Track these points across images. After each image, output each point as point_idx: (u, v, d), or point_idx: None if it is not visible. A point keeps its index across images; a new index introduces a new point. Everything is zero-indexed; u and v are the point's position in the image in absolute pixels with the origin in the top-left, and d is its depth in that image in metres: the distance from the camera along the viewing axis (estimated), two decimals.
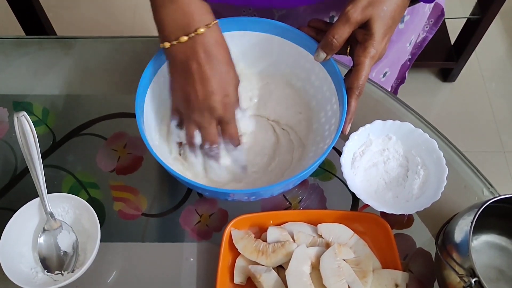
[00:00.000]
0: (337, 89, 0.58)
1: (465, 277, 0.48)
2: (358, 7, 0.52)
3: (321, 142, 0.61)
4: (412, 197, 0.59)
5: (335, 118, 0.58)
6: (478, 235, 0.58)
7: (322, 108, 0.62)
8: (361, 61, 0.53)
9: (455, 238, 0.51)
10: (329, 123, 0.60)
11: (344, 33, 0.53)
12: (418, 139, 0.61)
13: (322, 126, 0.62)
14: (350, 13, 0.52)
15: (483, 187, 0.64)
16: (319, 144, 0.61)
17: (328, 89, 0.60)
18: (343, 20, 0.52)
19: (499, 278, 0.56)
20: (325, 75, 0.60)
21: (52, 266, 0.56)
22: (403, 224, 0.62)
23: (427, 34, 0.91)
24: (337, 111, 0.58)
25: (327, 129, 0.60)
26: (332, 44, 0.54)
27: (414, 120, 0.68)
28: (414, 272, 0.58)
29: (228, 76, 0.54)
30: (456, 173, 0.65)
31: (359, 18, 0.52)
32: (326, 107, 0.61)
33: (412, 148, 0.61)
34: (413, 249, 0.60)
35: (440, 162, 0.59)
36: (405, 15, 0.75)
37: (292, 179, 0.53)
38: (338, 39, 0.53)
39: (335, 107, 0.58)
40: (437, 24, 0.88)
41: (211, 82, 0.52)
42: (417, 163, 0.60)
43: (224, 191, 0.53)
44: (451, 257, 0.51)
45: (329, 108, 0.60)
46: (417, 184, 0.59)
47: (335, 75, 0.58)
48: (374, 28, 0.53)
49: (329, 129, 0.59)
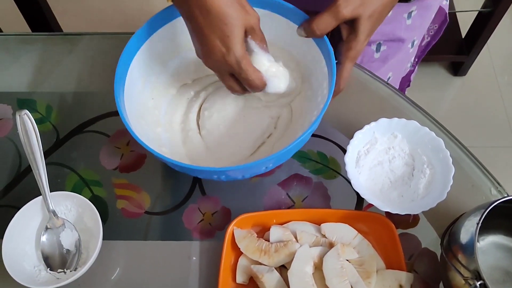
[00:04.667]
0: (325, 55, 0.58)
1: (470, 279, 0.47)
2: (351, 4, 0.51)
3: (315, 109, 0.60)
4: (417, 196, 0.58)
5: (325, 82, 0.58)
6: (485, 236, 0.57)
7: (312, 73, 0.63)
8: (343, 62, 0.55)
9: (461, 239, 0.50)
10: (321, 89, 0.60)
11: (328, 27, 0.53)
12: (424, 137, 0.60)
13: (315, 93, 0.62)
14: (340, 8, 0.51)
15: (491, 186, 0.62)
16: (313, 111, 0.60)
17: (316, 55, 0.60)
18: (332, 13, 0.52)
19: (505, 280, 0.54)
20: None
21: (54, 264, 0.56)
22: (409, 223, 0.61)
23: (431, 40, 0.90)
24: (326, 74, 0.58)
25: (319, 95, 0.60)
26: (314, 34, 0.54)
27: (421, 117, 0.67)
28: (419, 273, 0.57)
29: (227, 29, 0.49)
30: (463, 172, 0.63)
31: (348, 16, 0.51)
32: (316, 70, 0.61)
33: (418, 146, 0.60)
34: (419, 249, 0.59)
35: (447, 161, 0.58)
36: (412, 10, 0.73)
37: (287, 149, 0.52)
38: (322, 31, 0.53)
39: (325, 70, 0.58)
40: (441, 30, 0.87)
41: (209, 40, 0.50)
42: (423, 162, 0.59)
43: (220, 169, 0.53)
44: (457, 258, 0.50)
45: (319, 71, 0.60)
46: (423, 183, 0.58)
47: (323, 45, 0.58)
48: (360, 28, 0.52)
49: (322, 94, 0.60)
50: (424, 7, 0.75)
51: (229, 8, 0.49)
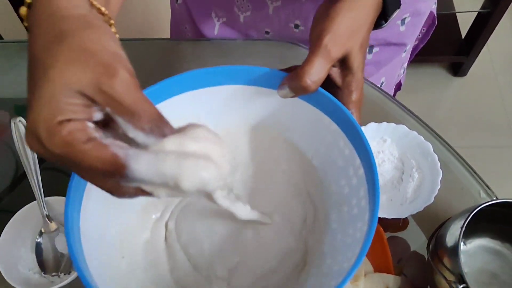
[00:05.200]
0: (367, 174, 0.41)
1: (453, 283, 0.47)
2: (339, 41, 0.42)
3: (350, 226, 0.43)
4: (406, 200, 0.59)
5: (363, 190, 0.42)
6: (472, 239, 0.58)
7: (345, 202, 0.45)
8: (350, 108, 0.44)
9: (446, 243, 0.51)
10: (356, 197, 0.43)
11: (322, 74, 0.41)
12: (413, 141, 0.60)
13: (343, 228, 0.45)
14: (329, 48, 0.41)
15: (480, 189, 0.63)
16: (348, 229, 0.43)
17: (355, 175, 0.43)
18: (322, 56, 0.41)
19: (492, 283, 0.55)
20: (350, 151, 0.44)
21: (49, 267, 0.57)
22: (398, 227, 0.61)
23: (419, 43, 0.90)
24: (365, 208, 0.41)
25: (355, 205, 0.43)
26: (308, 89, 0.41)
27: (412, 122, 0.68)
28: (408, 276, 0.58)
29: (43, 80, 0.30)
30: (453, 175, 0.64)
31: (340, 54, 0.42)
32: (351, 201, 0.44)
33: (407, 150, 0.61)
34: (408, 253, 0.60)
35: (434, 165, 0.58)
36: (405, 17, 0.74)
37: None
38: (316, 81, 0.41)
39: (363, 203, 0.41)
40: (429, 33, 0.87)
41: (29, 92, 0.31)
42: (412, 166, 0.60)
43: None
44: (442, 262, 0.50)
45: (354, 203, 0.43)
46: (412, 187, 0.59)
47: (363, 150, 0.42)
48: (354, 64, 0.43)
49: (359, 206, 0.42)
50: (417, 13, 0.75)
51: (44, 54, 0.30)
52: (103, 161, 0.29)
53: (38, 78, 0.29)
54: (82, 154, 0.29)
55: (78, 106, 0.29)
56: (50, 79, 0.29)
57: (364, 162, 0.41)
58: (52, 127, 0.29)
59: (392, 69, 0.84)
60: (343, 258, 0.41)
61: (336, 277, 0.39)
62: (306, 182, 0.51)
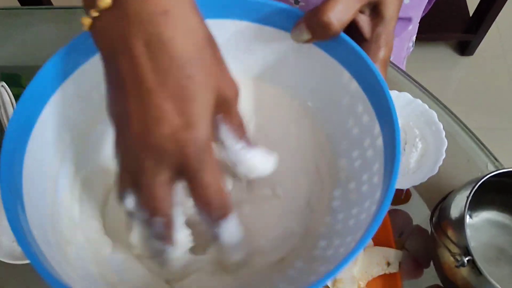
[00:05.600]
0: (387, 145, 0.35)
1: (457, 255, 0.44)
2: None
3: (355, 206, 0.38)
4: (408, 171, 0.56)
5: (378, 164, 0.36)
6: (478, 212, 0.55)
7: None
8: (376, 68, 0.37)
9: (451, 215, 0.48)
10: (368, 172, 0.37)
11: (350, 13, 0.34)
12: (416, 110, 0.57)
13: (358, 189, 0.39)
14: None
15: (487, 161, 0.60)
16: (352, 209, 0.38)
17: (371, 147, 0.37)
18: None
19: (499, 258, 0.52)
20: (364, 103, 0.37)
21: None
22: (400, 200, 0.58)
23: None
24: (377, 186, 0.35)
25: (365, 181, 0.37)
26: (330, 28, 0.34)
27: (414, 90, 0.64)
28: (409, 250, 0.55)
29: (190, 85, 0.28)
30: (459, 146, 0.61)
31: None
32: (362, 176, 0.38)
33: (410, 119, 0.58)
34: (410, 226, 0.57)
35: (439, 134, 0.55)
36: None
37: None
38: (342, 21, 0.34)
39: (376, 179, 0.36)
40: (431, 3, 0.82)
41: (156, 98, 0.27)
42: (415, 136, 0.57)
43: None
44: (446, 235, 0.47)
45: (365, 179, 0.38)
46: (415, 157, 0.56)
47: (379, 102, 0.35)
48: (387, 13, 0.36)
49: (370, 182, 0.37)
50: None
51: (197, 54, 0.28)
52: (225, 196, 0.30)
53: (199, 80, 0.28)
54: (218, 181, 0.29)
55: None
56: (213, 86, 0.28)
57: (385, 131, 0.35)
58: (210, 141, 0.29)
59: (400, 42, 0.80)
60: (341, 242, 0.36)
61: (328, 263, 0.34)
62: (315, 153, 0.44)
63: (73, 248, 0.37)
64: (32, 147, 0.34)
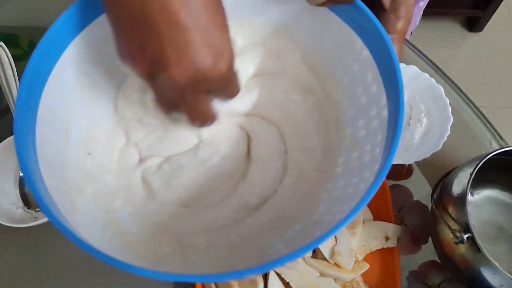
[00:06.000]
0: (391, 118, 0.34)
1: (457, 232, 0.44)
2: None
3: (355, 175, 0.37)
4: (412, 146, 0.55)
5: (381, 135, 0.35)
6: (480, 190, 0.54)
7: (361, 117, 0.39)
8: (392, 39, 0.36)
9: (453, 191, 0.47)
10: (371, 143, 0.37)
11: None
12: (423, 84, 0.56)
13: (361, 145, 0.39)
14: None
15: (492, 139, 0.59)
16: (353, 178, 0.38)
17: (376, 117, 0.37)
18: None
19: (498, 236, 0.52)
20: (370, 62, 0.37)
21: (32, 203, 0.55)
22: (402, 175, 0.58)
23: None
24: (378, 157, 0.35)
25: (368, 152, 0.37)
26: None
27: (422, 64, 0.63)
28: (408, 226, 0.55)
29: (217, 30, 0.30)
30: (464, 123, 0.60)
31: None
32: (365, 146, 0.38)
33: (416, 93, 0.57)
34: (410, 202, 0.57)
35: (446, 109, 0.54)
36: None
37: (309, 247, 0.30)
38: None
39: (378, 150, 0.35)
40: None
41: (189, 31, 0.29)
42: (421, 111, 0.56)
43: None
44: (447, 211, 0.47)
45: (368, 149, 0.37)
46: (419, 132, 0.55)
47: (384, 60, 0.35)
48: None
49: (372, 153, 0.36)
50: None
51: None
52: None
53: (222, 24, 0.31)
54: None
55: None
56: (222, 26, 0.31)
57: (391, 103, 0.34)
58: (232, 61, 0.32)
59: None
60: (338, 209, 0.36)
61: (323, 228, 0.34)
62: (321, 119, 0.43)
63: (82, 198, 0.37)
64: (46, 98, 0.35)
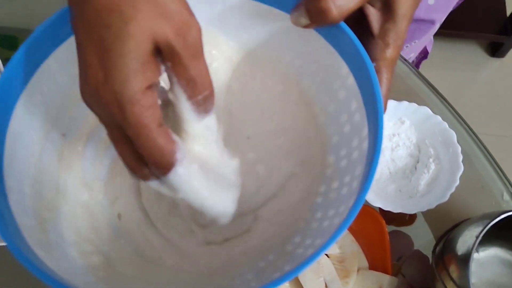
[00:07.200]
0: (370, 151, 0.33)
1: None
2: None
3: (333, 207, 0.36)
4: (417, 193, 0.51)
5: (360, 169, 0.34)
6: (486, 247, 0.51)
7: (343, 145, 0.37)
8: (378, 69, 0.34)
9: (456, 250, 0.44)
10: (351, 175, 0.35)
11: (353, 2, 0.32)
12: (435, 127, 0.53)
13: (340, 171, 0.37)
14: None
15: (503, 190, 0.55)
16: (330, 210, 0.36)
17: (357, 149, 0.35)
18: None
19: None
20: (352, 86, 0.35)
21: None
22: (404, 221, 0.55)
23: None
24: (355, 191, 0.33)
25: (347, 184, 0.35)
26: (328, 15, 0.32)
27: (436, 102, 0.59)
28: (406, 276, 0.51)
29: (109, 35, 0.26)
30: (474, 169, 0.56)
31: None
32: (344, 178, 0.36)
33: (426, 136, 0.53)
34: (410, 251, 0.53)
35: (456, 158, 0.50)
36: None
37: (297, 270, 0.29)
38: (343, 10, 0.31)
39: (355, 183, 0.34)
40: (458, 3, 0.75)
41: (83, 53, 0.27)
42: (429, 155, 0.52)
43: None
44: (447, 270, 0.44)
45: (347, 181, 0.35)
46: (425, 179, 0.52)
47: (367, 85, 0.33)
48: (399, 9, 0.33)
49: (350, 186, 0.35)
50: None
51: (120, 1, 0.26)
52: (162, 154, 0.27)
53: (116, 29, 0.26)
54: (150, 137, 0.27)
55: (155, 67, 0.27)
56: (131, 34, 0.25)
57: (371, 135, 0.33)
58: (137, 94, 0.26)
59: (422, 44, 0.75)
60: (311, 243, 0.34)
61: (294, 261, 0.33)
62: (305, 147, 0.41)
63: (51, 214, 0.36)
64: (19, 112, 0.34)
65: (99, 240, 0.38)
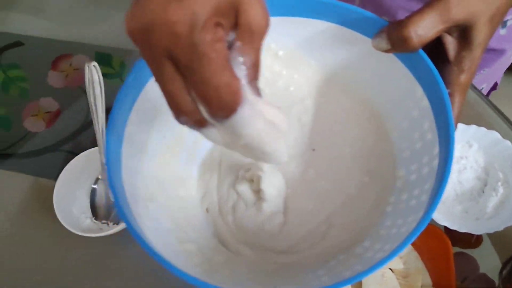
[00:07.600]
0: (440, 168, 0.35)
1: None
2: (465, 0, 0.34)
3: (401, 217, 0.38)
4: (484, 215, 0.52)
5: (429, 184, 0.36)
6: None
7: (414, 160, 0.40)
8: (452, 94, 0.36)
9: None
10: (420, 188, 0.37)
11: (431, 33, 0.33)
12: (504, 152, 0.53)
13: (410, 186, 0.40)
14: (451, 4, 0.33)
15: None
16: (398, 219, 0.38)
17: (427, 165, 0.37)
18: (438, 11, 0.33)
19: None
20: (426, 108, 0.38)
21: (100, 214, 0.58)
22: (470, 243, 0.55)
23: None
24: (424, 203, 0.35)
25: (415, 196, 0.37)
26: (409, 43, 0.33)
27: (505, 129, 0.60)
28: None
29: None
30: None
31: (461, 17, 0.34)
32: (413, 191, 0.38)
33: (495, 160, 0.54)
34: (475, 273, 0.53)
35: None
36: (508, 19, 0.65)
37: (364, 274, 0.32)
38: (422, 38, 0.33)
39: (424, 197, 0.36)
40: None
41: None
42: (498, 179, 0.53)
43: None
44: None
45: (416, 194, 0.37)
46: (493, 202, 0.52)
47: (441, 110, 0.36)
48: (476, 38, 0.35)
49: (418, 199, 0.37)
50: None
51: None
52: (230, 91, 0.24)
53: None
54: (218, 70, 0.24)
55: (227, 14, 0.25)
56: None
57: (442, 155, 0.35)
58: (213, 20, 0.23)
59: (493, 74, 0.75)
60: (380, 247, 0.36)
61: (363, 264, 0.35)
62: (375, 159, 0.44)
63: (154, 204, 0.40)
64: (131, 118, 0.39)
65: (192, 229, 0.42)
